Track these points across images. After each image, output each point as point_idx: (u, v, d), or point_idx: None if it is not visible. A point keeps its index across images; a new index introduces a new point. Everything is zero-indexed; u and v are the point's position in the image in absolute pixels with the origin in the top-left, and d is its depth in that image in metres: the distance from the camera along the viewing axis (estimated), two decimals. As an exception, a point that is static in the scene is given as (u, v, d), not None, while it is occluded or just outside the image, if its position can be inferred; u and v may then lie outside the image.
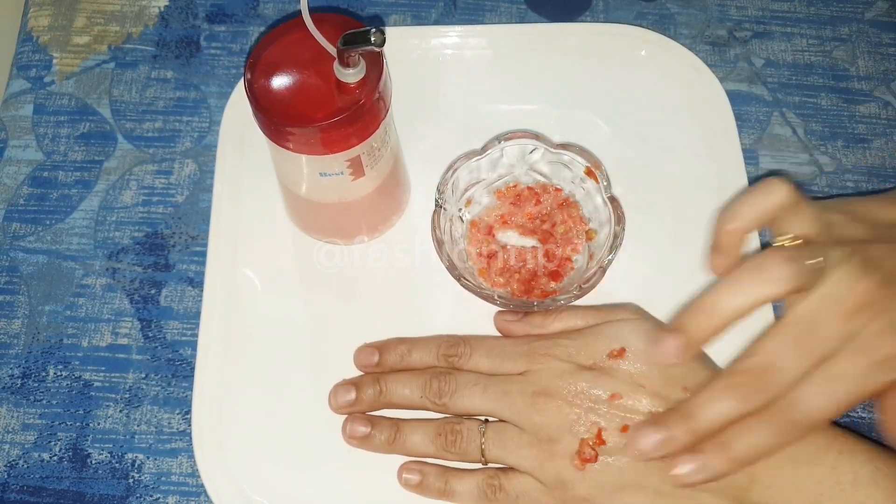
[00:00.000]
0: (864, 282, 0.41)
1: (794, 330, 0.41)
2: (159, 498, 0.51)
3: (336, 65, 0.45)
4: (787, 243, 0.44)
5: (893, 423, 0.41)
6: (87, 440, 0.52)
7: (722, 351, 0.49)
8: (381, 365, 0.51)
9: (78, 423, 0.53)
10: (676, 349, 0.43)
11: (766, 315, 0.52)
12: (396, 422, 0.50)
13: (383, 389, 0.50)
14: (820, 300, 0.41)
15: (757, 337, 0.43)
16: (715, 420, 0.42)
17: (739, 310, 0.42)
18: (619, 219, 0.52)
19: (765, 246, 0.53)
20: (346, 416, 0.51)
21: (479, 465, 0.49)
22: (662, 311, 0.51)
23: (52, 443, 0.52)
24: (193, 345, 0.53)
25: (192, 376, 0.52)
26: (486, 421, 0.49)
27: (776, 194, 0.44)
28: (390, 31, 0.62)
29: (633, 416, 0.45)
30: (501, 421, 0.48)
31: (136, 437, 0.53)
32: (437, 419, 0.50)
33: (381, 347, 0.52)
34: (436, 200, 0.54)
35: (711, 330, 0.42)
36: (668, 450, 0.43)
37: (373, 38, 0.42)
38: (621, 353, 0.47)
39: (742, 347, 0.44)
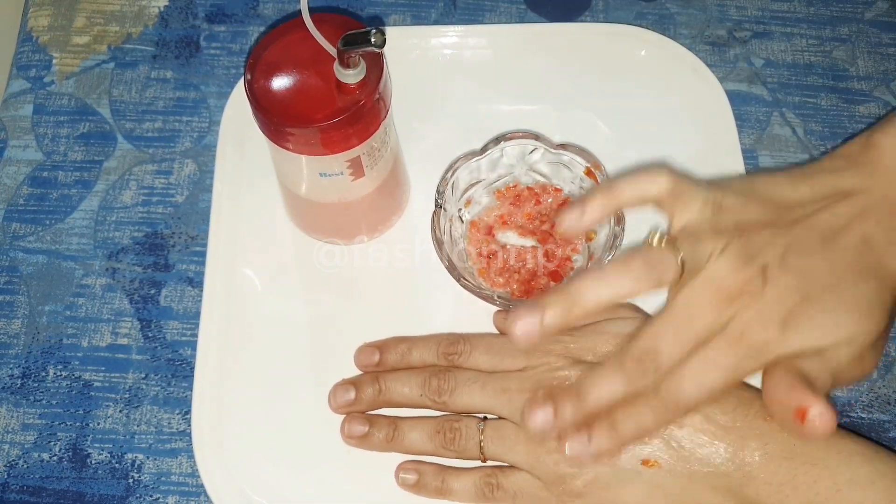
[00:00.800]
0: (739, 272, 0.43)
1: (673, 317, 0.43)
2: (159, 498, 0.51)
3: (336, 65, 0.45)
4: (655, 241, 0.45)
5: (772, 400, 0.42)
6: (86, 440, 0.52)
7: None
8: (382, 364, 0.52)
9: (78, 423, 0.53)
10: (530, 327, 0.44)
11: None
12: (395, 420, 0.50)
13: (382, 388, 0.50)
14: (697, 289, 0.43)
15: (644, 322, 0.45)
16: (602, 400, 0.43)
17: (599, 303, 0.44)
18: (619, 219, 0.52)
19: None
20: (345, 415, 0.51)
21: (479, 463, 0.49)
22: (662, 312, 0.51)
23: (52, 443, 0.52)
24: (193, 345, 0.53)
25: (192, 376, 0.52)
26: (486, 418, 0.49)
27: (656, 183, 0.46)
28: (390, 31, 0.62)
29: None
30: (501, 418, 0.48)
31: (136, 437, 0.53)
32: (436, 417, 0.50)
33: (381, 347, 0.52)
34: (436, 200, 0.54)
35: (569, 317, 0.44)
36: (558, 427, 0.44)
37: (373, 39, 0.42)
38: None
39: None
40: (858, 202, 0.45)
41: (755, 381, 0.47)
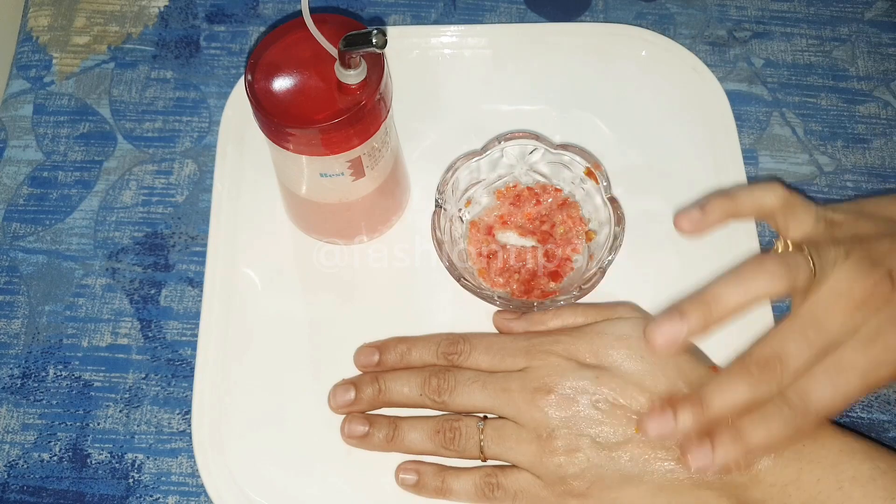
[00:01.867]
0: (867, 276, 0.43)
1: (801, 323, 0.43)
2: (159, 498, 0.51)
3: (337, 66, 0.45)
4: (781, 248, 0.47)
5: None
6: (87, 440, 0.52)
7: (722, 352, 0.49)
8: (382, 364, 0.52)
9: (78, 423, 0.53)
10: (675, 335, 0.44)
11: (765, 319, 0.52)
12: (395, 420, 0.50)
13: (382, 388, 0.50)
14: (825, 295, 0.43)
15: (763, 334, 0.44)
16: (726, 406, 0.43)
17: (738, 303, 0.44)
18: (619, 219, 0.52)
19: (764, 251, 0.54)
20: (345, 415, 0.51)
21: (479, 463, 0.49)
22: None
23: (52, 443, 0.52)
24: (193, 345, 0.53)
25: (192, 376, 0.52)
26: (486, 418, 0.49)
27: (772, 195, 0.47)
28: (390, 31, 0.62)
29: (632, 412, 0.46)
30: (501, 418, 0.48)
31: (136, 437, 0.53)
32: (436, 416, 0.50)
33: (380, 347, 0.52)
34: (436, 200, 0.54)
35: (710, 320, 0.44)
36: (680, 434, 0.43)
37: (374, 40, 0.42)
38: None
39: (739, 350, 0.45)
40: None
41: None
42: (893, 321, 0.42)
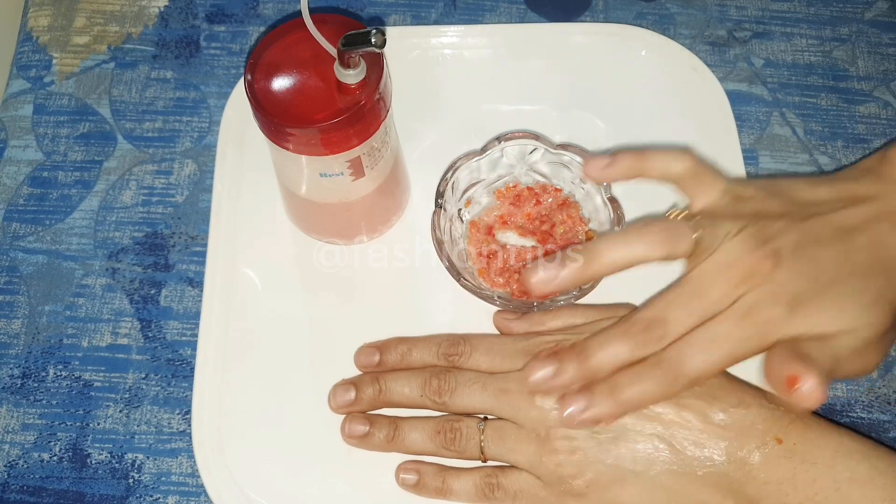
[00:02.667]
0: (753, 252, 0.44)
1: (685, 290, 0.45)
2: (159, 498, 0.51)
3: (336, 66, 0.45)
4: (673, 215, 0.48)
5: (773, 377, 0.43)
6: (87, 440, 0.52)
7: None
8: (382, 365, 0.51)
9: (78, 423, 0.53)
10: (548, 277, 0.46)
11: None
12: (395, 420, 0.50)
13: (383, 388, 0.50)
14: (710, 266, 0.45)
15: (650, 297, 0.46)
16: (606, 362, 0.44)
17: (615, 262, 0.46)
18: (619, 219, 0.52)
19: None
20: (345, 415, 0.51)
21: (479, 464, 0.49)
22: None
23: (52, 443, 0.52)
24: (193, 345, 0.53)
25: (192, 376, 0.52)
26: (486, 419, 0.49)
27: (681, 161, 0.48)
28: (390, 31, 0.62)
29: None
30: (501, 419, 0.48)
31: (136, 437, 0.53)
32: (436, 417, 0.50)
33: (381, 347, 0.52)
34: (436, 200, 0.54)
35: (586, 273, 0.46)
36: (558, 383, 0.45)
37: (373, 40, 0.42)
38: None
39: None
40: (873, 207, 0.47)
41: (754, 378, 0.47)
42: (769, 298, 0.43)
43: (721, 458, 0.44)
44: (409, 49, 0.62)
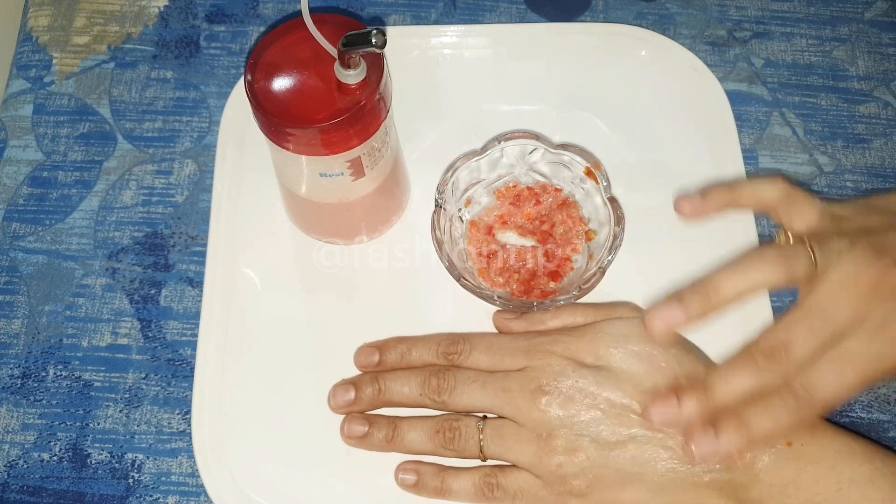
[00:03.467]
0: (873, 265, 0.43)
1: (806, 313, 0.43)
2: (159, 498, 0.51)
3: (337, 66, 0.45)
4: (782, 240, 0.47)
5: None
6: (86, 440, 0.52)
7: (721, 347, 0.49)
8: (382, 364, 0.51)
9: (78, 423, 0.53)
10: (673, 321, 0.45)
11: (764, 314, 0.52)
12: (394, 420, 0.50)
13: (382, 388, 0.50)
14: (830, 285, 0.43)
15: (767, 325, 0.45)
16: (731, 394, 0.43)
17: (736, 292, 0.44)
18: (619, 219, 0.52)
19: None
20: (345, 415, 0.51)
21: (478, 463, 0.49)
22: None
23: (52, 443, 0.52)
24: (193, 345, 0.53)
25: (192, 376, 0.52)
26: (485, 418, 0.49)
27: (774, 188, 0.48)
28: (390, 31, 0.62)
29: (632, 412, 0.46)
30: (500, 417, 0.48)
31: (136, 437, 0.53)
32: (436, 416, 0.50)
33: (381, 347, 0.52)
34: (436, 200, 0.54)
35: (708, 308, 0.44)
36: (684, 421, 0.44)
37: (374, 40, 0.42)
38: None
39: (738, 345, 0.45)
40: None
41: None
42: None
43: (726, 462, 0.44)
44: (409, 49, 0.62)
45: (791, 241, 0.47)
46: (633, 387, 0.46)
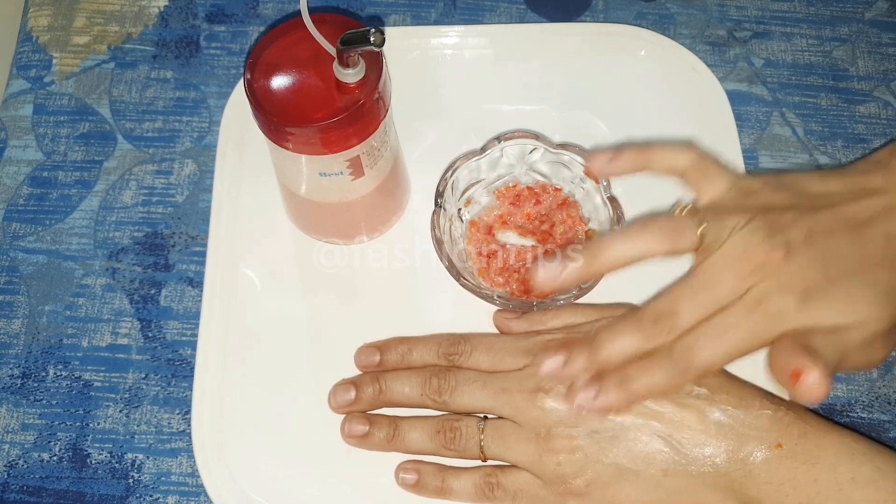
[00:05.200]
0: (762, 244, 0.44)
1: (695, 282, 0.44)
2: (159, 498, 0.51)
3: (336, 65, 0.45)
4: (677, 211, 0.48)
5: (777, 370, 0.43)
6: (86, 440, 0.52)
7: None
8: (382, 364, 0.51)
9: (78, 423, 0.53)
10: (552, 274, 0.46)
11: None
12: (395, 420, 0.50)
13: (383, 388, 0.50)
14: (721, 257, 0.44)
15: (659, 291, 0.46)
16: (615, 353, 0.44)
17: (619, 259, 0.46)
18: (619, 219, 0.52)
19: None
20: (345, 415, 0.51)
21: (479, 463, 0.49)
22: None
23: (52, 443, 0.52)
24: (193, 345, 0.53)
25: (192, 376, 0.52)
26: (486, 418, 0.49)
27: (686, 154, 0.48)
28: (390, 31, 0.62)
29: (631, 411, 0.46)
30: (501, 418, 0.48)
31: (136, 437, 0.53)
32: (436, 416, 0.50)
33: (381, 347, 0.52)
34: (435, 200, 0.54)
35: (590, 269, 0.46)
36: (568, 373, 0.45)
37: (372, 39, 0.42)
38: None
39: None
40: (885, 199, 0.46)
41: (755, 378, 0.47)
42: (778, 289, 0.43)
43: (722, 459, 0.44)
44: (409, 49, 0.62)
45: (684, 213, 0.48)
46: None
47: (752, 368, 0.46)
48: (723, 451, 0.44)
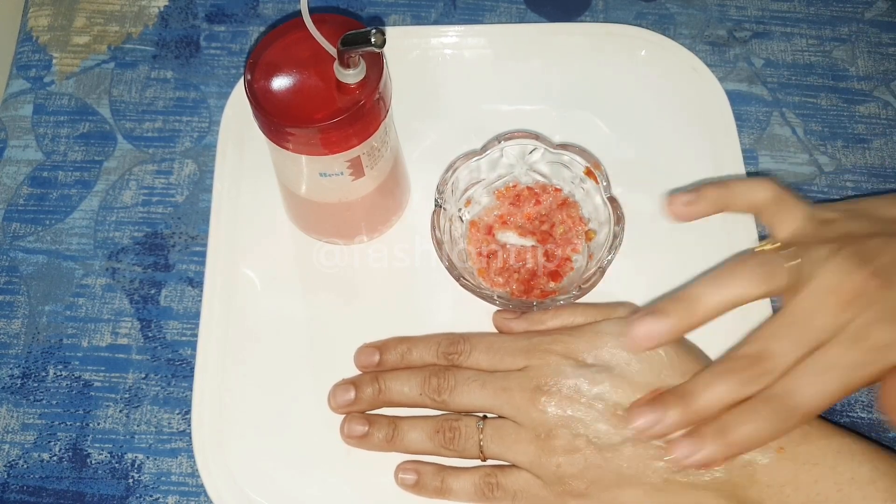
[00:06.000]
0: (856, 273, 0.42)
1: (789, 320, 0.43)
2: (159, 498, 0.51)
3: (336, 65, 0.45)
4: (767, 247, 0.46)
5: (893, 407, 0.42)
6: (86, 440, 0.52)
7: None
8: (382, 364, 0.51)
9: (78, 423, 0.53)
10: (655, 334, 0.44)
11: (764, 314, 0.52)
12: (394, 420, 0.50)
13: (382, 388, 0.50)
14: (812, 292, 0.43)
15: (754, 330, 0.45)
16: (711, 403, 0.43)
17: (716, 306, 0.44)
18: (619, 219, 0.52)
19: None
20: (345, 415, 0.51)
21: (479, 462, 0.49)
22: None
23: (52, 443, 0.52)
24: (193, 345, 0.53)
25: (192, 376, 0.52)
26: (485, 417, 0.49)
27: (764, 189, 0.47)
28: (390, 31, 0.62)
29: None
30: (500, 417, 0.48)
31: (136, 437, 0.53)
32: (436, 416, 0.49)
33: (381, 347, 0.52)
34: (435, 200, 0.54)
35: (689, 321, 0.44)
36: (663, 429, 0.43)
37: (373, 39, 0.42)
38: None
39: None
40: None
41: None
42: (880, 319, 0.42)
43: (725, 465, 0.44)
44: (409, 49, 0.62)
45: (773, 249, 0.47)
46: (632, 387, 0.46)
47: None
48: None
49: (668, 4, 0.66)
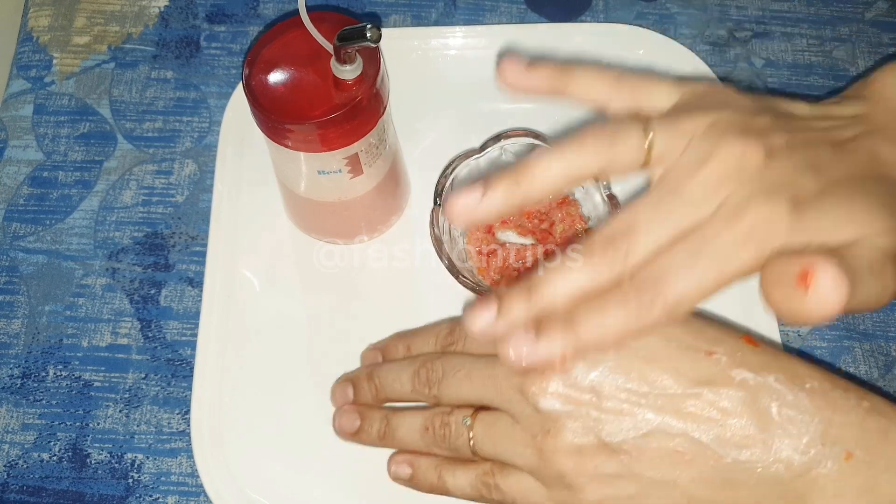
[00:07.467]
0: (735, 145, 0.36)
1: (654, 197, 0.36)
2: (159, 498, 0.51)
3: (333, 62, 0.45)
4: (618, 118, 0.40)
5: (774, 283, 0.34)
6: (86, 440, 0.52)
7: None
8: None
9: (78, 423, 0.53)
10: (472, 206, 0.37)
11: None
12: (387, 414, 0.46)
13: (377, 385, 0.47)
14: (683, 162, 0.36)
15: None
16: (560, 293, 0.36)
17: (549, 178, 0.37)
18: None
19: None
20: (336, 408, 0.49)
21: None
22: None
23: (52, 443, 0.52)
24: (193, 345, 0.53)
25: (192, 376, 0.52)
26: (480, 409, 0.43)
27: (600, 82, 0.41)
28: (390, 32, 0.62)
29: (641, 400, 0.38)
30: (495, 411, 0.42)
31: (136, 437, 0.53)
32: (427, 410, 0.45)
33: (383, 350, 0.51)
34: (434, 199, 0.54)
35: (517, 194, 0.37)
36: (503, 327, 0.36)
37: (368, 35, 0.42)
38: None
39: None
40: (863, 124, 0.40)
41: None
42: (764, 196, 0.35)
43: (776, 467, 0.36)
44: (409, 49, 0.62)
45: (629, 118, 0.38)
46: (640, 375, 0.38)
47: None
48: (776, 453, 0.36)
49: (669, 5, 0.66)
